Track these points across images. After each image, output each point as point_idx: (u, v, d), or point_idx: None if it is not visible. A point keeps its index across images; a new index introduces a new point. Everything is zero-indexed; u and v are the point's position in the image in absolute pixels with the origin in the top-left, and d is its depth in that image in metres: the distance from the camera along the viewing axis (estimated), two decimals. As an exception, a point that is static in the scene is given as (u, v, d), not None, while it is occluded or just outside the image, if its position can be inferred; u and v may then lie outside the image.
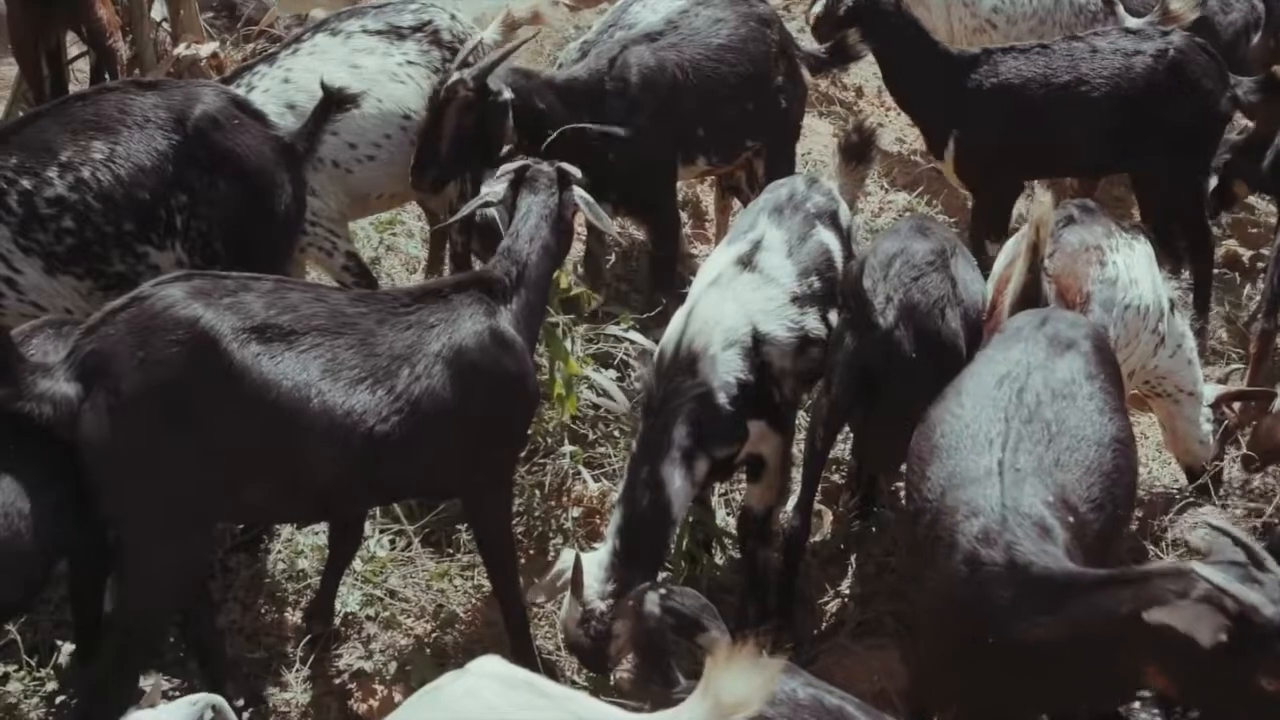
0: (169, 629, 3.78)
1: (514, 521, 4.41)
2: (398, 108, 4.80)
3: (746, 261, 3.98)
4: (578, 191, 3.95)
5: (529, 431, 4.14)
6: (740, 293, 3.90)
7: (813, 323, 4.01)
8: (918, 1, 6.23)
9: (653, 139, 4.94)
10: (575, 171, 4.00)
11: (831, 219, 4.24)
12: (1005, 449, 3.15)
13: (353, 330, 3.43)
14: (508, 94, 4.63)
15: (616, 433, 4.88)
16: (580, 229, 5.23)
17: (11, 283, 4.07)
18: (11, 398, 3.15)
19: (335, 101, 4.25)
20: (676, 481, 3.66)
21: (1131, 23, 6.18)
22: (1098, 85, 5.33)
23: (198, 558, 3.52)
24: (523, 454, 4.48)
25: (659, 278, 5.26)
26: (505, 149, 4.66)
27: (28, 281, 4.08)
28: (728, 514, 4.66)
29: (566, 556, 3.69)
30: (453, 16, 5.02)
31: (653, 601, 3.01)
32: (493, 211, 4.11)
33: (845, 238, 4.29)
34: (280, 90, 4.69)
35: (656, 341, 4.08)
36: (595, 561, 3.67)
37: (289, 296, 3.42)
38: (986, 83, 5.33)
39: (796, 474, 4.35)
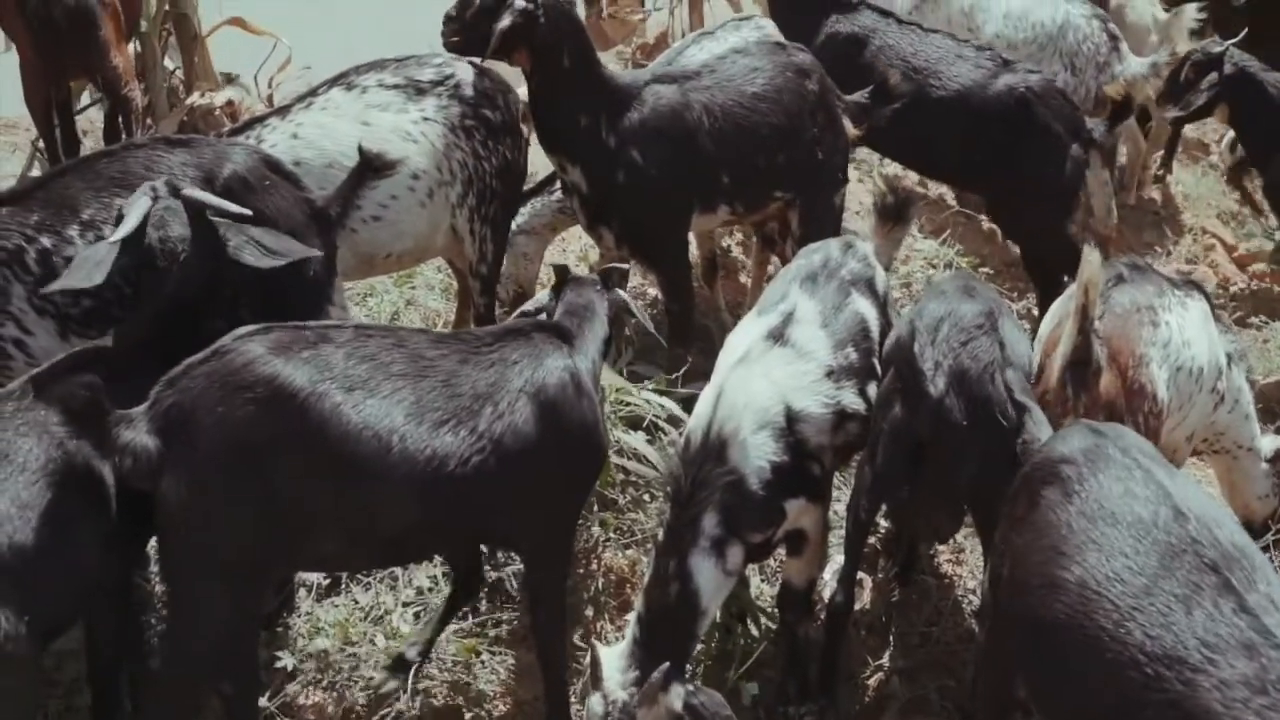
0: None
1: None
2: (407, 167, 4.60)
3: (778, 335, 3.81)
4: (621, 294, 3.94)
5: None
6: (771, 369, 3.73)
7: (850, 397, 3.84)
8: (926, 18, 6.30)
9: (662, 178, 4.81)
10: (623, 267, 4.04)
11: (868, 286, 4.08)
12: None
13: (434, 372, 3.40)
14: None
15: (647, 497, 4.73)
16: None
17: (21, 344, 3.90)
18: (100, 448, 3.13)
19: (372, 167, 4.11)
20: (706, 572, 3.51)
21: (1134, 62, 6.35)
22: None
23: (260, 612, 3.50)
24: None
25: (674, 333, 5.10)
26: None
27: (38, 344, 3.92)
28: (761, 580, 4.50)
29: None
30: (480, 72, 4.84)
31: (677, 695, 2.91)
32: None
33: (882, 305, 4.13)
34: (289, 145, 4.54)
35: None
36: (616, 652, 3.52)
37: (368, 344, 3.38)
38: None
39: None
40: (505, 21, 4.59)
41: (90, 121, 6.96)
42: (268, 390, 3.15)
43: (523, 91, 4.91)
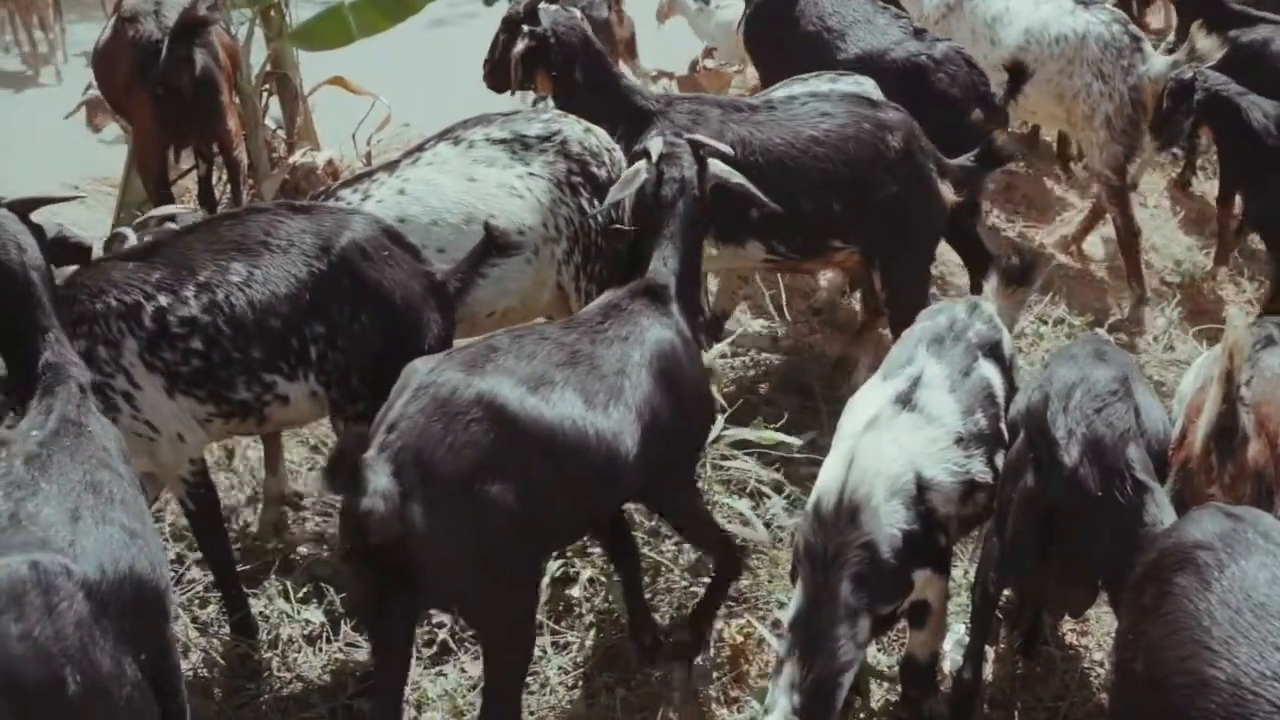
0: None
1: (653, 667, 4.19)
2: (511, 224, 4.53)
3: (906, 400, 3.69)
4: (716, 165, 4.16)
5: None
6: (901, 435, 3.60)
7: (978, 466, 3.70)
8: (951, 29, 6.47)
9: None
10: (714, 144, 4.25)
11: (994, 350, 3.94)
12: None
13: (580, 358, 3.62)
14: None
15: (754, 561, 4.63)
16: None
17: (130, 398, 3.91)
18: (358, 495, 3.13)
19: (496, 246, 4.08)
20: (843, 642, 3.37)
21: (1157, 59, 6.34)
22: None
23: (534, 609, 3.69)
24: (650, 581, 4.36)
25: None
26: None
27: (145, 399, 3.93)
28: (878, 650, 4.35)
29: None
30: (586, 129, 4.81)
31: None
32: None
33: (1007, 370, 3.99)
34: (395, 201, 4.52)
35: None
36: None
37: (524, 345, 3.57)
38: None
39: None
40: (520, 46, 5.14)
41: (187, 188, 7.04)
42: (482, 409, 3.31)
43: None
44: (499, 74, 5.46)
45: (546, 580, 4.26)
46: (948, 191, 5.17)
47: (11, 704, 2.59)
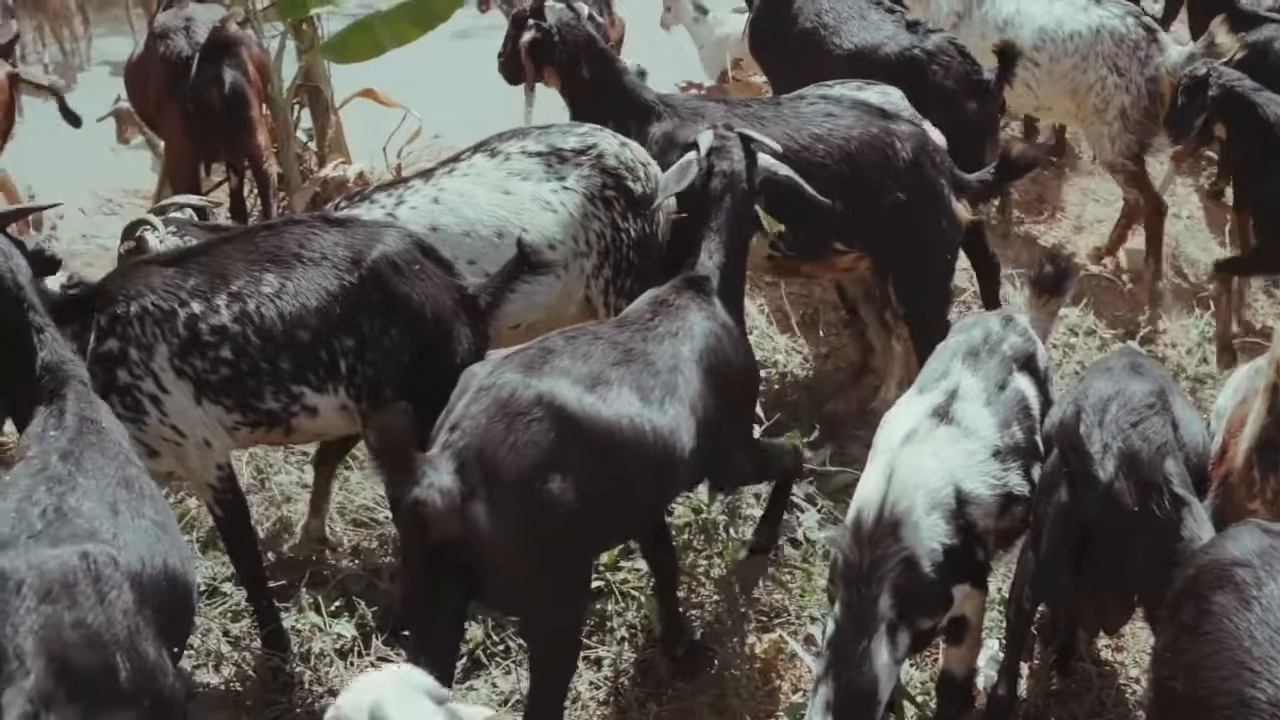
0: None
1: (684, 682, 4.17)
2: (542, 238, 4.51)
3: (943, 413, 3.66)
4: (766, 159, 4.24)
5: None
6: (939, 448, 3.58)
7: (1016, 479, 3.67)
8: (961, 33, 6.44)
9: None
10: (763, 139, 4.33)
11: (1028, 363, 3.92)
12: None
13: (633, 355, 3.69)
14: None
15: (787, 576, 4.61)
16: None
17: (157, 401, 3.94)
18: (411, 489, 3.18)
19: (529, 263, 4.08)
20: (883, 656, 3.33)
21: (1174, 50, 6.35)
22: None
23: (584, 611, 3.78)
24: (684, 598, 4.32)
25: None
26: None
27: (173, 404, 3.95)
28: (911, 666, 4.32)
29: None
30: (622, 143, 4.79)
31: None
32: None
33: (1042, 382, 3.96)
34: (428, 209, 4.52)
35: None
36: None
37: (580, 346, 3.63)
38: None
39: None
40: (526, 37, 5.37)
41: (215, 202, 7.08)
42: (542, 409, 3.36)
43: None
44: (511, 66, 5.64)
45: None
46: (964, 210, 5.14)
47: (69, 691, 2.64)
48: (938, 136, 5.30)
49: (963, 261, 5.84)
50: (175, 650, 3.03)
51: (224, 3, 7.04)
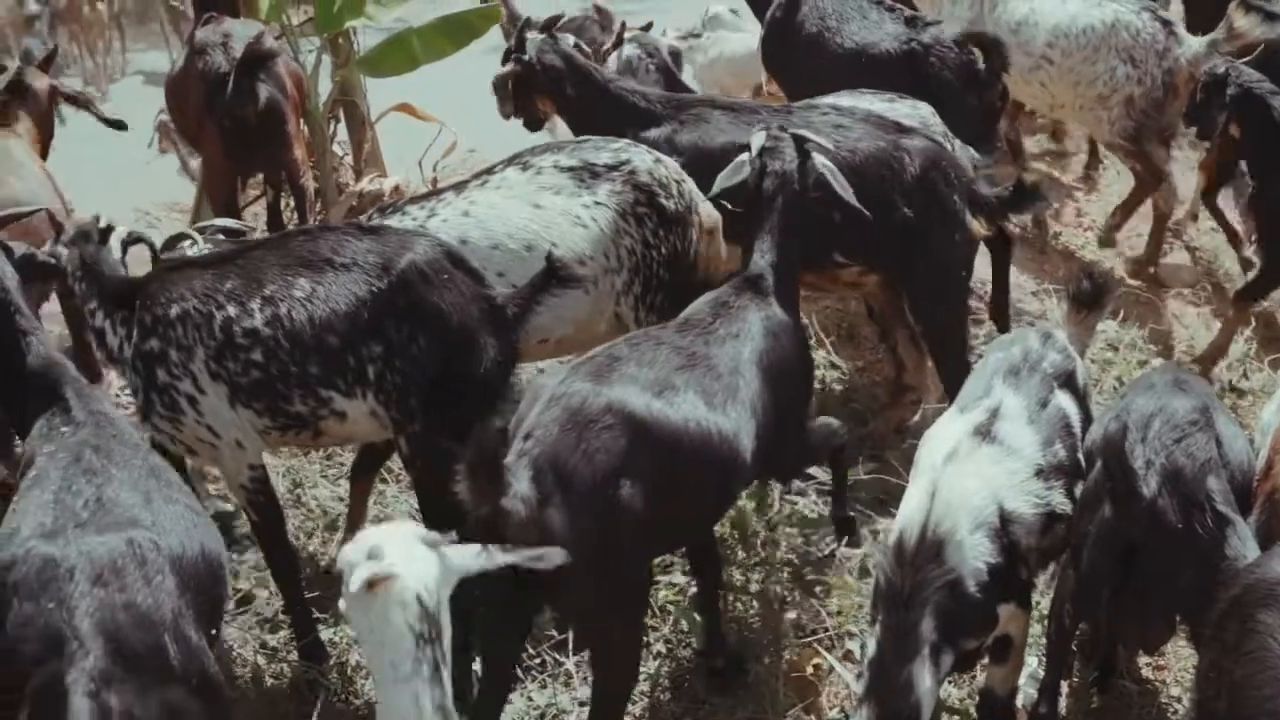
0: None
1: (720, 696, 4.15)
2: (572, 252, 4.50)
3: (985, 432, 3.63)
4: (820, 160, 4.29)
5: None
6: (982, 467, 3.55)
7: (1059, 498, 3.64)
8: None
9: None
10: (817, 139, 4.38)
11: (1069, 380, 3.89)
12: None
13: (696, 359, 3.76)
14: None
15: (820, 590, 4.58)
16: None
17: (194, 402, 4.03)
18: (500, 496, 3.21)
19: (557, 276, 4.08)
20: (926, 681, 3.30)
21: (1191, 42, 6.41)
22: None
23: (643, 616, 3.85)
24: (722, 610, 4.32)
25: None
26: None
27: (208, 405, 4.03)
28: (949, 682, 4.29)
29: None
30: (656, 159, 4.76)
31: None
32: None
33: (1082, 399, 3.93)
34: (459, 222, 4.53)
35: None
36: None
37: (644, 352, 3.70)
38: None
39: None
40: (505, 70, 5.63)
41: (254, 215, 7.13)
42: (613, 416, 3.45)
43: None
44: (516, 108, 5.84)
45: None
46: (979, 227, 5.09)
47: (126, 670, 2.73)
48: (967, 155, 5.27)
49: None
50: (212, 633, 3.13)
51: (261, 17, 7.08)
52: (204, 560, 3.12)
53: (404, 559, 2.61)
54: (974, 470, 3.54)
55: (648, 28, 7.45)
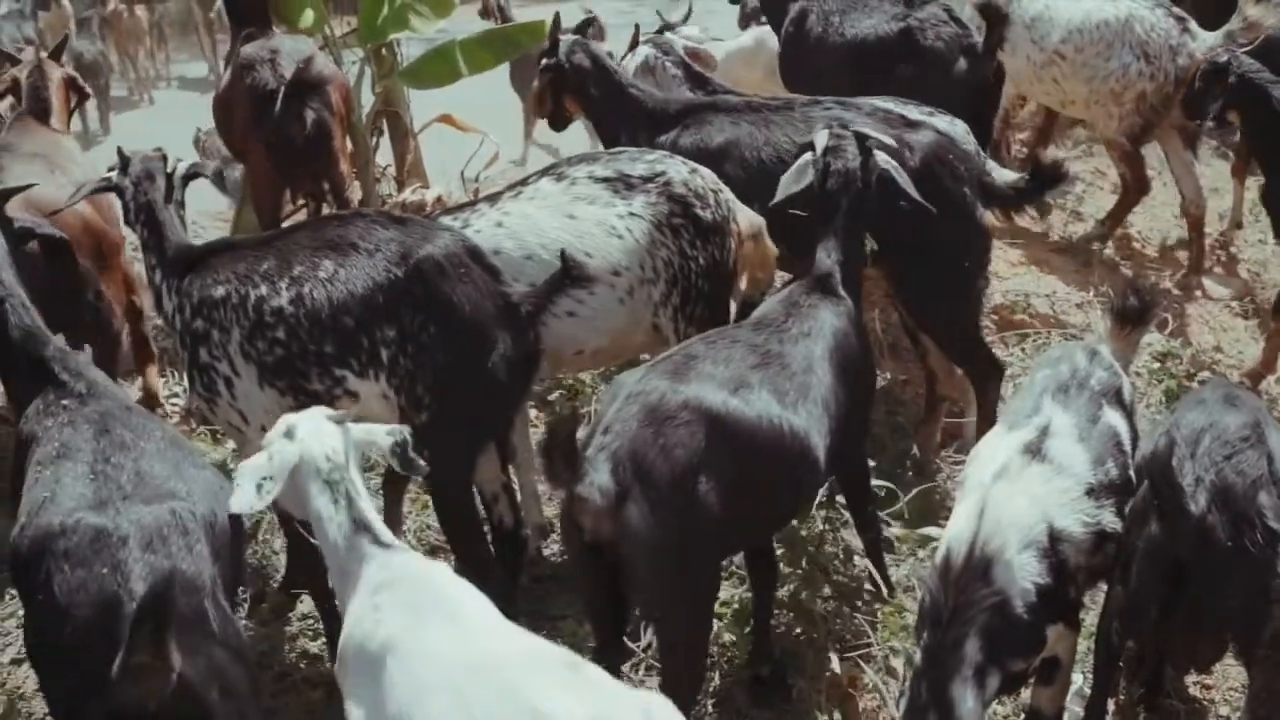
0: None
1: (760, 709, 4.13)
2: (607, 263, 4.52)
3: (1035, 450, 3.59)
4: (882, 157, 4.32)
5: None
6: (1031, 486, 3.51)
7: (1109, 517, 3.59)
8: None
9: None
10: (879, 137, 4.41)
11: (1116, 397, 3.84)
12: None
13: (770, 358, 3.81)
14: None
15: (859, 602, 4.54)
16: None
17: (230, 383, 4.14)
18: (575, 485, 3.33)
19: (570, 275, 4.09)
20: (969, 702, 3.27)
21: (1205, 36, 6.45)
22: None
23: (712, 614, 3.90)
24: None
25: None
26: None
27: (241, 388, 4.13)
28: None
29: None
30: (692, 170, 4.73)
31: None
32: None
33: (1129, 415, 3.88)
34: (492, 233, 4.55)
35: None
36: None
37: (719, 350, 3.76)
38: None
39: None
40: (541, 80, 5.76)
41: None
42: (690, 413, 3.50)
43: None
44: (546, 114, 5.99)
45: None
46: (990, 219, 5.06)
47: (176, 632, 2.80)
48: (996, 174, 5.21)
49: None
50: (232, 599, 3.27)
51: (301, 27, 7.11)
52: (233, 525, 3.28)
53: (312, 433, 3.12)
54: (1024, 489, 3.50)
55: (687, 17, 7.58)
